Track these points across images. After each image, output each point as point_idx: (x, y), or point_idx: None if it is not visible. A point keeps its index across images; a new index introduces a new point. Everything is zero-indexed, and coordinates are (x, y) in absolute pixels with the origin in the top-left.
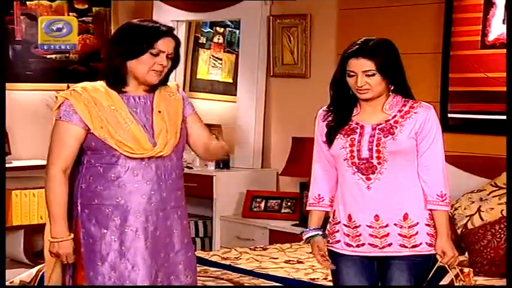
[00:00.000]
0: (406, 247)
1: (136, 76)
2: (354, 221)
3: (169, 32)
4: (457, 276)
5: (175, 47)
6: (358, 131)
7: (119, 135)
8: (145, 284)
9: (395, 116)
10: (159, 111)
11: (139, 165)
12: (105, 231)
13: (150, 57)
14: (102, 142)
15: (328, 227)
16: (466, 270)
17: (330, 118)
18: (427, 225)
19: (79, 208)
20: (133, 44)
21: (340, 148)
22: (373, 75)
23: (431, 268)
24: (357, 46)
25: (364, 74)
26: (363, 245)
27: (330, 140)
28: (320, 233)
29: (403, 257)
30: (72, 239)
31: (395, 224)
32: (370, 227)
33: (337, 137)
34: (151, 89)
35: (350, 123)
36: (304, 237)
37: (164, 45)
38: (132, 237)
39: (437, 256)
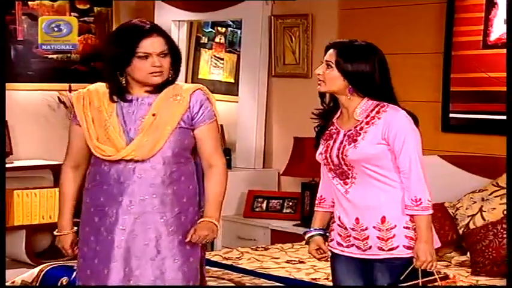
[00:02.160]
0: (384, 250)
1: (137, 80)
2: (344, 223)
3: (150, 30)
4: (431, 281)
5: (167, 42)
6: (334, 136)
7: (96, 139)
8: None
9: (362, 122)
10: (153, 114)
11: (121, 168)
12: (87, 229)
13: (140, 62)
14: None
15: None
16: (451, 276)
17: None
18: (406, 227)
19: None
20: (117, 54)
21: (318, 154)
22: (330, 67)
23: (405, 270)
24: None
25: (325, 64)
26: (352, 245)
27: (317, 144)
28: (320, 232)
29: (383, 260)
30: (74, 232)
31: (374, 227)
32: (353, 229)
33: (320, 141)
34: (157, 89)
35: (331, 127)
36: (306, 236)
37: (149, 46)
38: (104, 238)
39: (413, 259)
